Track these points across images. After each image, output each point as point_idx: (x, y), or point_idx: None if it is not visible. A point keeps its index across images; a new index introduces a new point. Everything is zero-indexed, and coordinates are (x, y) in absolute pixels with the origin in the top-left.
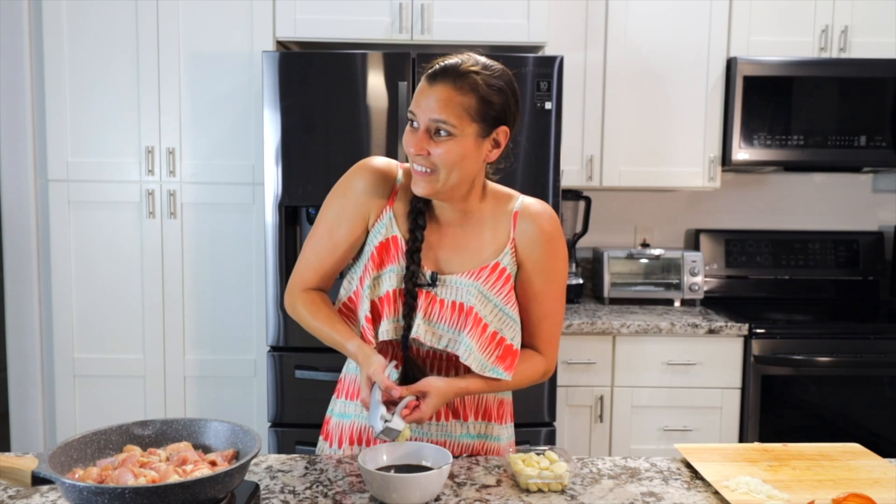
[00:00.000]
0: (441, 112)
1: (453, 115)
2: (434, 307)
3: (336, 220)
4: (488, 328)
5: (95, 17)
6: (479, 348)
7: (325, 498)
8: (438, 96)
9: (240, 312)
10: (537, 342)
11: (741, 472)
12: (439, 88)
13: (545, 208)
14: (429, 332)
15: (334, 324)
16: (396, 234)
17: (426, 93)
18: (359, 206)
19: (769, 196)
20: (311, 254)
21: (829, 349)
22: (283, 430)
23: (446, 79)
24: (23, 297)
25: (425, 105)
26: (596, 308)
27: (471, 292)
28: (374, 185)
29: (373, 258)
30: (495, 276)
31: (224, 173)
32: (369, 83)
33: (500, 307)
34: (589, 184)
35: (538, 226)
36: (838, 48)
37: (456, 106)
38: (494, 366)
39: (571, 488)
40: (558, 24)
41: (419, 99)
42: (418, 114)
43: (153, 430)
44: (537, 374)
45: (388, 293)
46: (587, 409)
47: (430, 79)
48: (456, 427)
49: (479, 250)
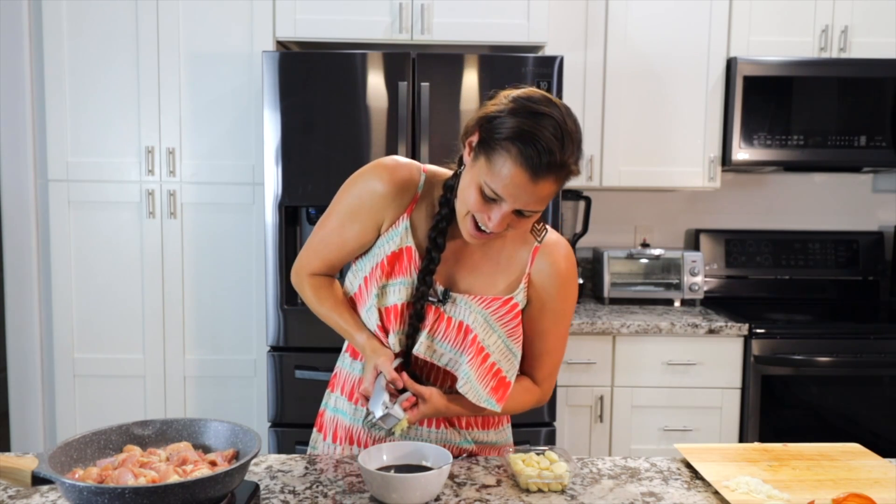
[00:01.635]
0: (539, 205)
1: (547, 202)
2: (440, 325)
3: (349, 218)
4: (489, 359)
5: (95, 17)
6: (478, 378)
7: (325, 498)
8: (540, 195)
9: (240, 312)
10: (535, 374)
11: (741, 472)
12: (543, 186)
13: (564, 249)
14: (430, 348)
15: (342, 312)
16: (410, 246)
17: (527, 189)
18: (374, 211)
19: (769, 196)
20: (321, 244)
21: (829, 349)
22: (283, 430)
23: (550, 174)
24: (23, 297)
25: (524, 199)
26: (596, 308)
27: (477, 319)
28: (393, 195)
29: (382, 266)
30: (506, 310)
31: (224, 173)
32: (369, 83)
33: (504, 340)
34: (589, 184)
35: (556, 267)
36: (838, 48)
37: (552, 194)
38: (489, 397)
39: (571, 488)
40: (558, 24)
41: (515, 191)
42: (509, 201)
43: (153, 430)
44: (529, 404)
45: (396, 306)
46: (587, 409)
47: (534, 174)
48: (454, 434)
49: (492, 273)
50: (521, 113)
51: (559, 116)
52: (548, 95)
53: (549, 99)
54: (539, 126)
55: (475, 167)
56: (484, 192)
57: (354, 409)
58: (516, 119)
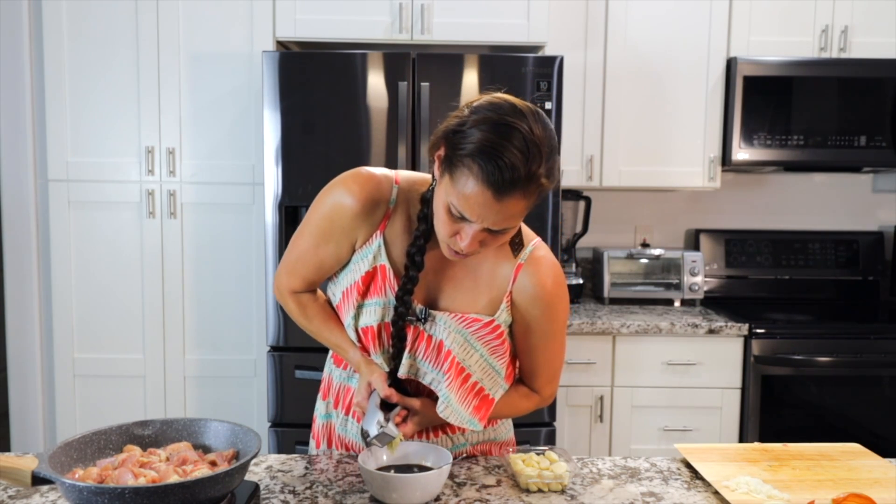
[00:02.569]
0: (508, 223)
1: (520, 218)
2: (420, 344)
3: (322, 239)
4: (470, 378)
5: (95, 17)
6: (458, 399)
7: (325, 498)
8: (507, 212)
9: (240, 312)
10: (532, 384)
11: (741, 472)
12: (508, 204)
13: (550, 267)
14: (413, 367)
15: (332, 329)
16: (385, 264)
17: (492, 207)
18: (346, 230)
19: (769, 196)
20: (297, 262)
21: (829, 349)
22: (283, 430)
23: (515, 191)
24: (23, 297)
25: (491, 218)
26: (596, 308)
27: (456, 339)
28: (364, 212)
29: (357, 287)
30: (487, 331)
31: (224, 173)
32: (369, 83)
33: (486, 358)
34: (589, 184)
35: (540, 288)
36: (838, 48)
37: (523, 211)
38: (471, 417)
39: (571, 488)
40: (558, 24)
41: (481, 211)
42: (475, 220)
43: (153, 430)
44: (529, 409)
45: (372, 327)
46: (587, 409)
47: (498, 192)
48: (447, 442)
49: (473, 287)
50: (484, 125)
51: (525, 127)
52: (513, 101)
53: (514, 106)
54: (502, 140)
55: (442, 184)
56: (451, 211)
57: (345, 418)
58: (479, 132)
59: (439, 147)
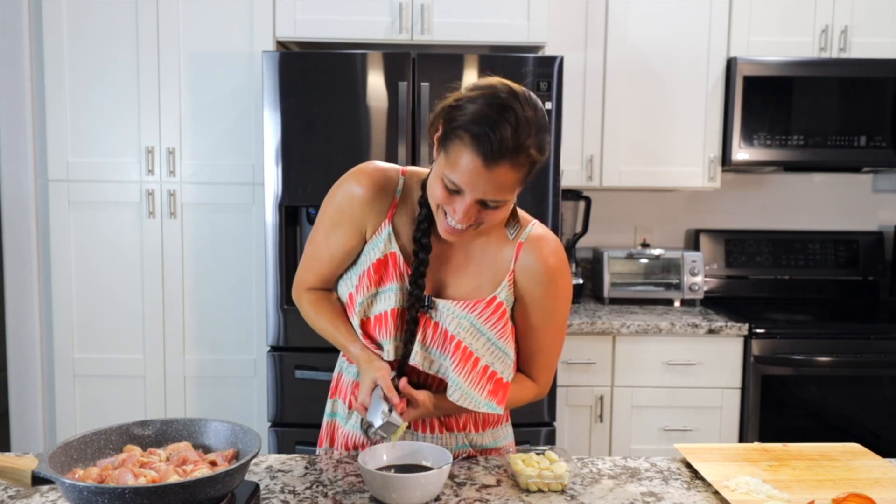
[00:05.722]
0: (499, 194)
1: (511, 191)
2: (429, 331)
3: (332, 227)
4: (480, 362)
5: (95, 17)
6: (470, 384)
7: (325, 498)
8: (497, 182)
9: (240, 312)
10: (530, 370)
11: (741, 472)
12: (498, 173)
13: (551, 243)
14: (425, 357)
15: (338, 325)
16: (395, 251)
17: (482, 175)
18: (355, 218)
19: (769, 196)
20: (311, 259)
21: (829, 349)
22: (283, 430)
23: (504, 160)
24: (23, 297)
25: (481, 188)
26: (596, 308)
27: (462, 325)
28: (372, 198)
29: (369, 275)
30: (490, 311)
31: (224, 173)
32: (369, 83)
33: (493, 341)
34: (589, 184)
35: (541, 262)
36: (838, 48)
37: (513, 183)
38: (488, 400)
39: (571, 488)
40: (558, 24)
41: (471, 179)
42: (467, 190)
43: (153, 430)
44: (526, 399)
45: (386, 312)
46: (587, 409)
47: (487, 161)
48: (451, 439)
49: (477, 274)
50: (480, 100)
51: (518, 106)
52: (508, 84)
53: (509, 87)
54: (493, 113)
55: (439, 160)
56: (446, 184)
57: (349, 413)
58: (474, 106)
59: (437, 126)
